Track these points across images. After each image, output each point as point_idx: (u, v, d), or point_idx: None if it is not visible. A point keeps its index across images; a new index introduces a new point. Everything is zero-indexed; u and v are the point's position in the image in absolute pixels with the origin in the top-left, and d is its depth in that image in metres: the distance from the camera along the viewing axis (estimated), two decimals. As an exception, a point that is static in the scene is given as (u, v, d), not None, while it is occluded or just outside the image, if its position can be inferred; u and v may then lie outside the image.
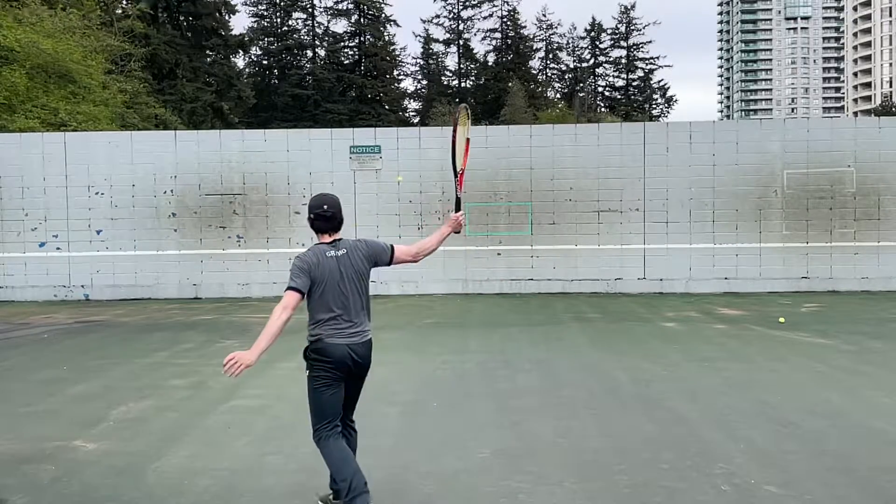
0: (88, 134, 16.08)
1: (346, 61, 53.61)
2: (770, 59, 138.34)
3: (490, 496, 4.11)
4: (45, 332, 10.50)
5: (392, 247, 3.87)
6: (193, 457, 4.83)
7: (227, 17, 43.88)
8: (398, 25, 59.44)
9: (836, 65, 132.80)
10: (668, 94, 61.42)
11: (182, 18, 41.59)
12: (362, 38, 53.78)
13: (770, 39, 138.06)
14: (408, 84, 61.16)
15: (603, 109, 58.19)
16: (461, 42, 58.23)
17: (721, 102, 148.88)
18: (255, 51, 52.38)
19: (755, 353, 8.11)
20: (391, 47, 55.38)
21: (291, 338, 9.91)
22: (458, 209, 4.09)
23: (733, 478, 4.30)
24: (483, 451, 4.86)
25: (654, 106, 61.17)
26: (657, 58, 61.27)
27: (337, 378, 3.70)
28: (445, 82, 58.52)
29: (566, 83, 62.08)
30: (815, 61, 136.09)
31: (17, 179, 14.52)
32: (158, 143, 14.81)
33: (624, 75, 62.10)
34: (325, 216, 3.68)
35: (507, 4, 58.78)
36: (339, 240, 3.73)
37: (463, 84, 58.34)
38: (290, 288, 3.58)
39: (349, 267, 3.69)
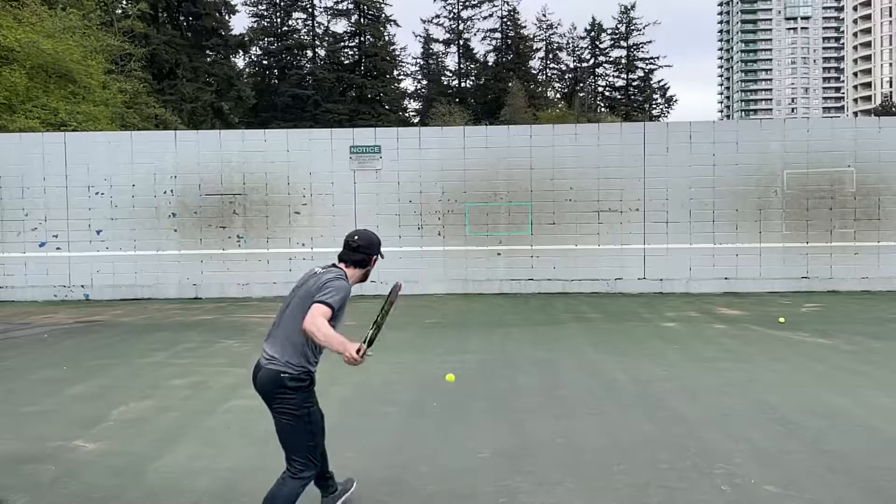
0: (88, 134, 16.09)
1: (346, 61, 53.57)
2: (770, 59, 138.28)
3: (490, 496, 4.11)
4: (45, 332, 10.50)
5: (315, 303, 3.26)
6: (193, 457, 4.83)
7: (227, 17, 43.93)
8: (398, 25, 59.45)
9: (836, 65, 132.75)
10: (668, 94, 61.35)
11: (182, 18, 41.63)
12: (362, 38, 53.75)
13: (770, 39, 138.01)
14: (408, 84, 61.18)
15: (603, 109, 58.16)
16: (461, 42, 58.18)
17: (721, 102, 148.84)
18: (255, 51, 52.34)
19: (755, 353, 8.11)
20: (391, 47, 55.34)
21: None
22: (368, 345, 3.34)
23: (733, 478, 4.30)
24: (483, 451, 4.86)
25: (654, 106, 61.10)
26: (657, 58, 61.26)
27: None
28: (445, 82, 58.47)
29: (566, 83, 62.02)
30: (815, 61, 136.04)
31: (17, 179, 14.52)
32: (158, 143, 14.81)
33: (624, 75, 62.03)
34: (350, 246, 3.55)
35: (507, 4, 58.73)
36: (333, 265, 3.56)
37: (463, 84, 58.32)
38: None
39: (304, 290, 3.42)
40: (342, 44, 53.79)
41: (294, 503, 3.36)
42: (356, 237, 3.54)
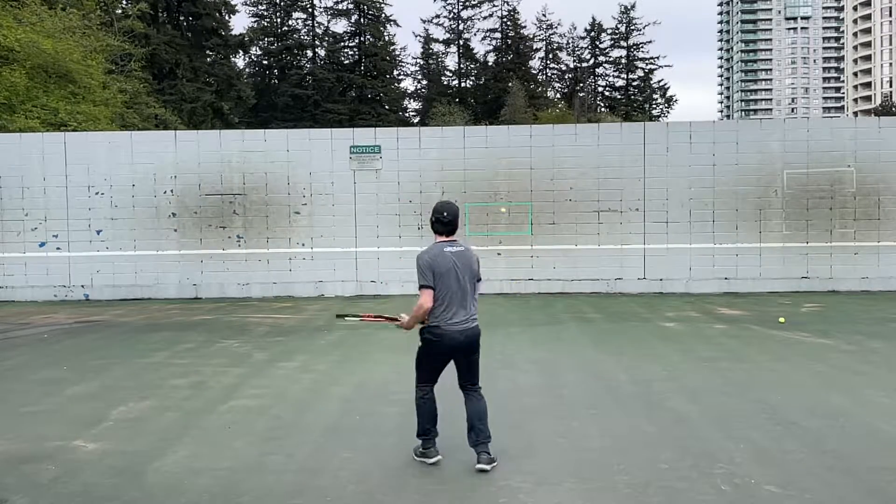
0: (88, 134, 16.07)
1: (346, 61, 53.58)
2: (770, 59, 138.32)
3: (490, 496, 4.11)
4: (45, 332, 10.50)
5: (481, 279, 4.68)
6: (193, 457, 4.84)
7: (227, 17, 43.90)
8: (398, 25, 59.56)
9: (836, 65, 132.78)
10: (668, 94, 61.33)
11: (182, 18, 41.61)
12: (362, 38, 53.77)
13: (770, 39, 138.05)
14: (408, 84, 61.18)
15: (603, 109, 58.11)
16: (461, 42, 58.17)
17: (721, 102, 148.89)
18: (255, 51, 52.35)
19: (755, 353, 8.11)
20: (391, 47, 55.35)
21: (289, 339, 9.91)
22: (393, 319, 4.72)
23: (733, 478, 4.30)
24: (483, 451, 4.85)
25: (654, 106, 61.06)
26: (657, 58, 61.14)
27: (443, 356, 4.54)
28: (445, 82, 58.45)
29: (566, 83, 61.99)
30: (815, 61, 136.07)
31: (17, 179, 14.52)
32: (158, 143, 14.80)
33: (624, 75, 62.02)
34: (443, 221, 4.49)
35: (507, 4, 58.73)
36: (455, 240, 4.52)
37: (463, 84, 58.31)
38: (423, 286, 4.37)
39: (465, 263, 4.47)
40: (342, 44, 53.81)
41: None
42: (445, 213, 4.49)
